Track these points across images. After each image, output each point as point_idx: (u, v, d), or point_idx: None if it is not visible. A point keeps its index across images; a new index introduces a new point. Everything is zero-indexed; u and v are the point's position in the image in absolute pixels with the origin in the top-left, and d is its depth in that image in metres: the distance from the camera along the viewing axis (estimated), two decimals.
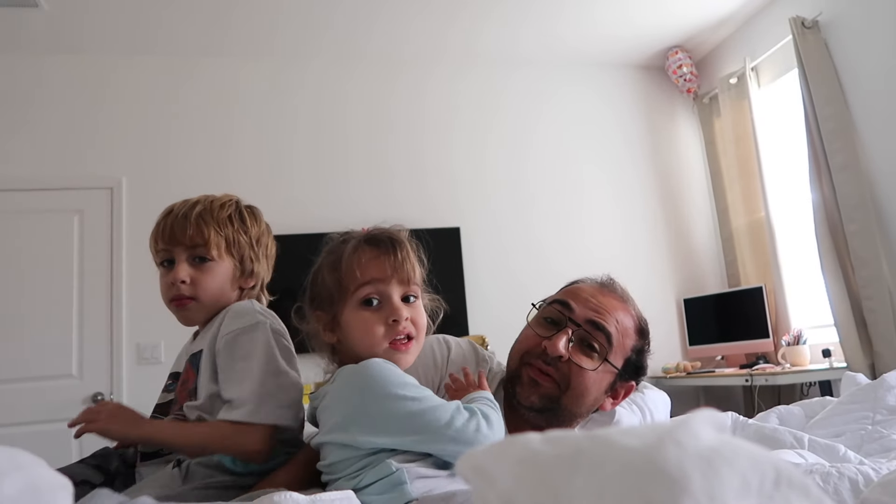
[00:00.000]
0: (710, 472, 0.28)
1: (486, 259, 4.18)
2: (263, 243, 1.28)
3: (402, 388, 0.95)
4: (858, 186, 3.43)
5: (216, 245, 1.19)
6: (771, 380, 3.48)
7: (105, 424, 1.06)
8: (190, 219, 1.19)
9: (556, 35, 4.27)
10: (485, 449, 0.35)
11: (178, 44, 3.99)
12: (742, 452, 0.30)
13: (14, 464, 0.44)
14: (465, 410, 0.95)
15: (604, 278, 1.27)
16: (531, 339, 1.19)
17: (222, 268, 1.20)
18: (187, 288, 1.18)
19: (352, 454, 0.94)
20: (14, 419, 3.45)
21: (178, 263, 1.18)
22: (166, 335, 3.65)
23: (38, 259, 3.67)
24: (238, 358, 1.11)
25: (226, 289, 1.22)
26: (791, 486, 0.31)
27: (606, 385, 1.19)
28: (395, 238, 1.06)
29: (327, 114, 4.22)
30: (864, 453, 1.28)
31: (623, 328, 1.19)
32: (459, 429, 0.91)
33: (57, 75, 3.91)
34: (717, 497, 0.28)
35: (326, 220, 3.94)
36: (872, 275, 3.35)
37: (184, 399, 1.16)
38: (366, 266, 1.03)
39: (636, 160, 4.62)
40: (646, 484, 0.28)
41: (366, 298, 1.03)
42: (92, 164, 3.85)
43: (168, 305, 1.22)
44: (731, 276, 4.42)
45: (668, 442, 0.29)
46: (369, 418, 0.93)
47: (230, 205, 1.25)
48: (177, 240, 1.18)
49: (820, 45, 3.63)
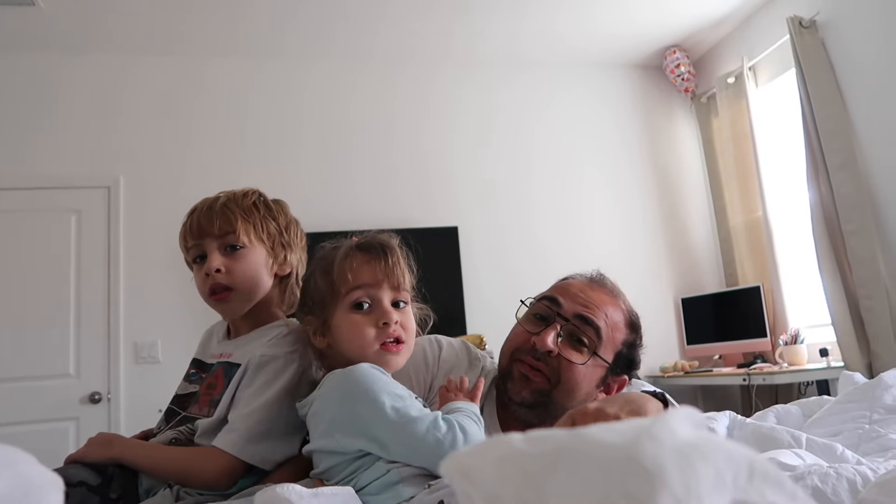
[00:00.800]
0: (686, 466, 0.29)
1: (485, 258, 4.19)
2: (293, 231, 1.28)
3: (384, 395, 0.95)
4: (856, 186, 3.43)
5: (245, 231, 1.19)
6: (768, 379, 3.49)
7: (82, 452, 1.11)
8: (215, 210, 1.19)
9: (554, 34, 4.27)
10: (468, 450, 0.35)
11: (177, 44, 3.99)
12: (717, 448, 0.30)
13: (4, 460, 0.44)
14: (443, 422, 0.95)
15: (593, 273, 1.28)
16: (521, 336, 1.20)
17: (254, 254, 1.20)
18: (223, 277, 1.17)
19: (341, 459, 0.95)
20: (12, 418, 3.45)
21: (210, 254, 1.18)
22: (163, 334, 3.65)
23: (36, 258, 3.67)
24: (258, 383, 1.11)
25: (262, 275, 1.21)
26: (765, 480, 0.31)
27: (598, 379, 1.19)
28: (386, 244, 1.09)
29: (329, 113, 4.23)
30: (862, 452, 1.28)
31: (612, 322, 1.19)
32: (432, 443, 0.92)
33: (54, 75, 3.91)
34: (693, 490, 0.28)
35: (325, 218, 3.95)
36: (870, 274, 3.36)
37: (205, 403, 1.15)
38: (357, 270, 1.05)
39: (634, 160, 4.62)
40: (625, 479, 0.28)
41: (356, 302, 1.04)
42: (89, 164, 3.86)
43: (208, 301, 1.21)
44: (729, 276, 4.43)
45: (645, 438, 0.30)
46: (351, 421, 0.95)
47: (253, 194, 1.26)
48: (205, 232, 1.18)
49: (817, 45, 3.63)
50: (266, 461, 1.08)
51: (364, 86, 4.32)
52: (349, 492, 0.84)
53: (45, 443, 3.34)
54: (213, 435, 1.10)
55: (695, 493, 0.28)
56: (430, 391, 1.21)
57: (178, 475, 1.07)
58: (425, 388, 1.21)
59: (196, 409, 1.16)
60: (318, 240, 1.16)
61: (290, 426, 1.10)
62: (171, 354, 3.66)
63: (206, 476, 1.05)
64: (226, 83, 4.14)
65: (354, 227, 3.79)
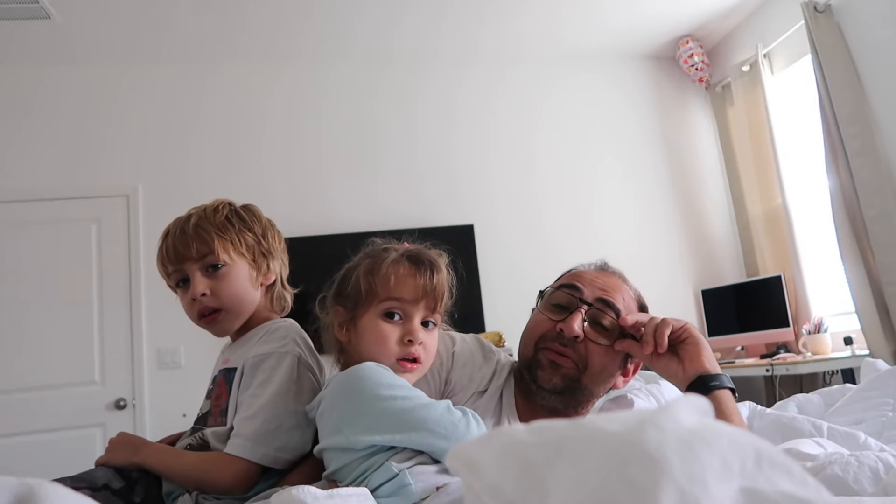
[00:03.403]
0: (689, 454, 0.28)
1: (501, 256, 4.18)
2: (270, 237, 1.26)
3: (390, 388, 0.96)
4: (876, 171, 3.38)
5: (223, 249, 1.17)
6: (792, 369, 3.45)
7: (108, 455, 1.13)
8: (188, 232, 1.17)
9: (566, 28, 4.25)
10: (471, 441, 0.35)
11: (193, 51, 4.02)
12: (722, 435, 0.30)
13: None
14: (457, 409, 0.96)
15: (600, 262, 1.32)
16: (544, 324, 1.21)
17: (237, 270, 1.19)
18: (209, 300, 1.16)
19: (351, 458, 0.95)
20: (39, 427, 3.51)
21: (193, 278, 1.16)
22: (185, 339, 3.69)
23: (58, 268, 3.72)
24: (255, 384, 1.11)
25: (248, 290, 1.20)
26: (774, 467, 0.31)
27: (619, 362, 1.22)
28: (434, 263, 1.09)
29: (348, 114, 4.24)
30: (885, 440, 1.27)
31: (628, 306, 1.23)
32: (448, 426, 0.93)
33: (71, 85, 3.96)
34: (698, 478, 0.28)
35: (344, 220, 3.97)
36: (893, 260, 3.30)
37: (217, 415, 1.16)
38: (400, 281, 1.05)
39: (649, 152, 4.59)
40: (627, 466, 0.28)
41: (389, 311, 1.05)
42: (107, 173, 3.90)
43: (198, 323, 1.20)
44: (749, 266, 4.38)
45: (648, 426, 0.30)
46: (360, 417, 0.95)
47: (223, 208, 1.23)
48: (183, 256, 1.16)
49: (833, 29, 3.58)
50: (278, 460, 1.08)
51: (381, 85, 4.33)
52: (364, 493, 0.84)
53: (73, 449, 3.40)
54: (226, 442, 1.10)
55: (699, 480, 0.28)
56: (447, 384, 1.22)
57: (195, 482, 1.08)
58: (440, 383, 1.21)
59: (212, 422, 1.16)
60: (338, 242, 1.16)
61: (299, 419, 1.10)
62: (193, 359, 3.70)
63: (221, 482, 1.05)
64: (243, 88, 4.17)
65: (372, 229, 3.78)
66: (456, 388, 1.21)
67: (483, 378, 1.24)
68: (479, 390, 1.23)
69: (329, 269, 1.17)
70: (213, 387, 1.23)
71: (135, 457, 1.11)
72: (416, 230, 1.17)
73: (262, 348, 1.14)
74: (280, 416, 1.08)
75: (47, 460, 3.41)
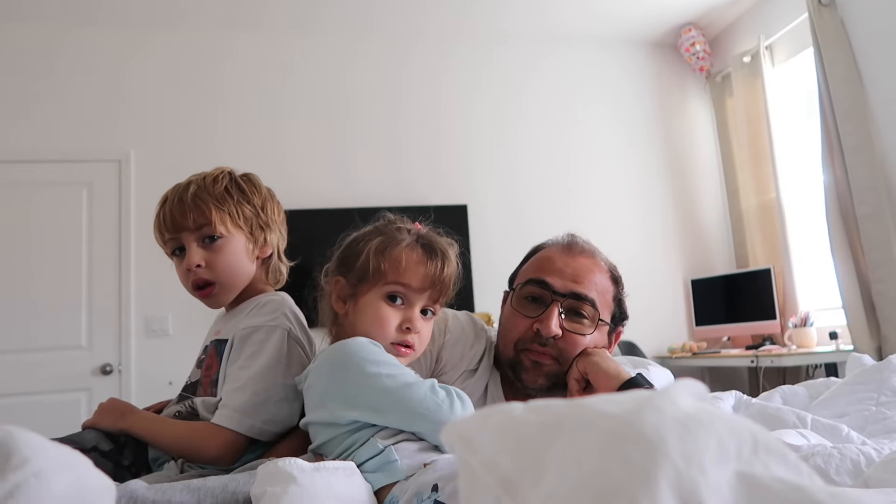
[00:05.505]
0: (687, 436, 0.29)
1: (493, 237, 4.18)
2: (269, 209, 1.24)
3: (376, 365, 0.95)
4: (871, 169, 3.38)
5: (221, 221, 1.15)
6: (776, 361, 3.48)
7: (96, 418, 1.13)
8: (186, 201, 1.15)
9: (567, 12, 4.21)
10: (468, 418, 0.35)
11: (188, 16, 3.96)
12: (719, 419, 0.30)
13: (66, 462, 0.45)
14: (441, 389, 0.95)
15: (566, 238, 1.29)
16: (520, 325, 1.20)
17: (234, 243, 1.17)
18: (204, 271, 1.15)
19: (336, 433, 0.95)
20: (25, 388, 3.51)
21: (189, 249, 1.15)
22: (174, 308, 3.67)
23: (48, 231, 3.69)
24: (244, 356, 1.11)
25: (244, 263, 1.19)
26: (769, 453, 0.31)
27: (602, 341, 1.22)
28: (446, 255, 1.08)
29: (339, 87, 4.20)
30: (868, 434, 1.28)
31: (602, 287, 1.21)
32: (432, 406, 0.92)
33: (66, 47, 3.90)
34: (694, 459, 0.28)
35: (329, 196, 3.95)
36: (883, 258, 3.32)
37: (207, 385, 1.16)
38: (411, 267, 1.04)
39: (647, 139, 4.58)
40: (624, 447, 0.28)
41: (392, 294, 1.04)
42: (100, 137, 3.86)
43: (193, 294, 1.19)
44: (740, 258, 4.40)
45: (646, 408, 0.30)
46: (344, 392, 0.95)
47: (223, 177, 1.21)
48: (180, 225, 1.15)
49: (836, 24, 3.56)
50: (265, 432, 1.08)
51: (374, 60, 4.29)
52: (351, 466, 0.84)
53: (58, 413, 3.39)
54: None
55: (696, 462, 0.28)
56: (438, 362, 1.22)
57: (182, 451, 1.08)
58: (432, 360, 1.21)
59: (201, 392, 1.16)
60: (328, 217, 1.16)
61: (287, 392, 1.09)
62: (181, 328, 3.70)
63: (208, 452, 1.05)
64: (237, 57, 4.12)
65: (359, 205, 3.75)
66: (447, 366, 1.21)
67: (474, 356, 1.24)
68: (469, 369, 1.23)
69: (322, 243, 1.17)
70: (204, 356, 1.22)
71: (122, 423, 1.11)
72: (408, 209, 1.16)
73: (251, 321, 1.14)
74: (268, 389, 1.08)
75: (31, 423, 3.38)
